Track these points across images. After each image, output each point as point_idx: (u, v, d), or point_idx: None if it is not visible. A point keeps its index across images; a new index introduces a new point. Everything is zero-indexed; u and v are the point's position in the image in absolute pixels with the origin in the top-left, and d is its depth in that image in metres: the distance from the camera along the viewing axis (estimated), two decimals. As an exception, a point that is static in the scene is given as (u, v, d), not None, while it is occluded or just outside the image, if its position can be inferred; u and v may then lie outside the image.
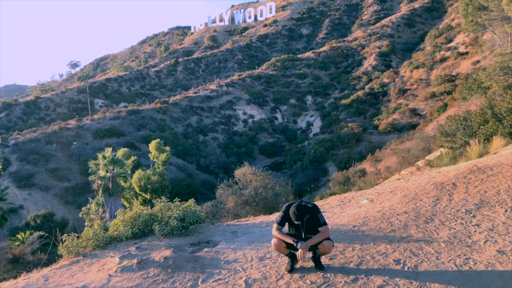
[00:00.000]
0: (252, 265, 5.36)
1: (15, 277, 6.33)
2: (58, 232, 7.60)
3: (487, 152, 11.50)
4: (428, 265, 4.76)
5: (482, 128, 13.72)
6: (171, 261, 5.46)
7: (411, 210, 6.81)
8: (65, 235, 6.64)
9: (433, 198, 7.25)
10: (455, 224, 5.95)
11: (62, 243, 6.50)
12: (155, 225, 6.71)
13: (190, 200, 7.53)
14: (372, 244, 5.56)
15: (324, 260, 5.18)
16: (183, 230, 6.77)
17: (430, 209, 6.74)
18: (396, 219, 6.50)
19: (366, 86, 69.91)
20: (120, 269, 5.50)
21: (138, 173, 37.52)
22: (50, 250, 8.08)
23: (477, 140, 12.14)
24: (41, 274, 5.95)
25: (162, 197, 7.41)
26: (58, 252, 6.47)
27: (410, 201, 7.27)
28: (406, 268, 4.76)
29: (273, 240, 4.98)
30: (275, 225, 5.01)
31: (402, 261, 4.94)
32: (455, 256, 4.92)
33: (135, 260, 5.56)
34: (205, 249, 5.98)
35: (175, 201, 7.41)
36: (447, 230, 5.76)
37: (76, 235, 6.69)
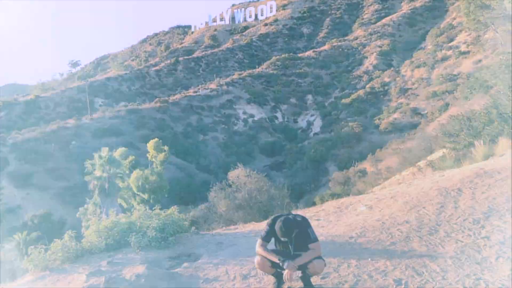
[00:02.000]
0: (234, 284, 4.78)
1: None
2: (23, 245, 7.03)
3: (493, 154, 10.92)
4: (433, 287, 4.19)
5: (487, 129, 13.17)
6: (143, 279, 4.86)
7: (414, 219, 6.22)
8: (31, 247, 6.03)
9: (437, 205, 6.65)
10: (462, 236, 5.36)
11: (28, 256, 5.92)
12: (132, 236, 6.11)
13: (172, 207, 6.94)
14: (370, 259, 4.97)
15: (315, 279, 4.59)
16: (162, 242, 6.15)
17: (434, 218, 6.14)
18: (397, 229, 5.91)
19: (367, 86, 69.35)
20: (86, 288, 4.93)
21: (136, 173, 37.05)
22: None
23: (482, 141, 11.58)
24: (2, 292, 5.40)
25: (141, 204, 6.82)
26: (22, 266, 5.90)
27: (412, 209, 6.67)
28: (408, 291, 4.19)
29: (257, 258, 4.38)
30: (259, 241, 4.41)
31: (403, 282, 4.36)
32: (464, 275, 4.34)
33: (103, 279, 4.99)
34: (184, 264, 5.38)
35: (155, 208, 6.82)
36: (453, 243, 5.18)
37: (44, 246, 6.10)
